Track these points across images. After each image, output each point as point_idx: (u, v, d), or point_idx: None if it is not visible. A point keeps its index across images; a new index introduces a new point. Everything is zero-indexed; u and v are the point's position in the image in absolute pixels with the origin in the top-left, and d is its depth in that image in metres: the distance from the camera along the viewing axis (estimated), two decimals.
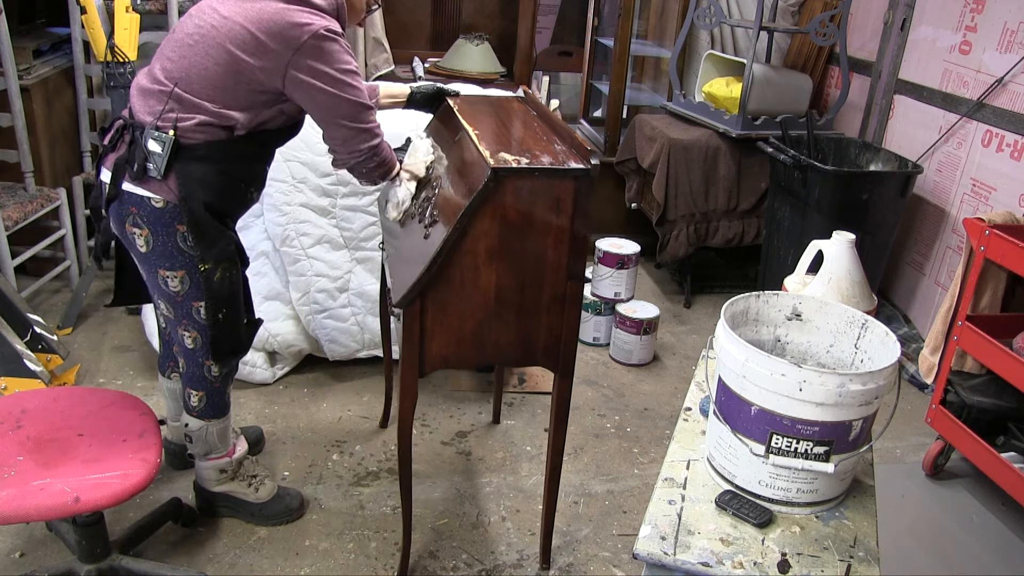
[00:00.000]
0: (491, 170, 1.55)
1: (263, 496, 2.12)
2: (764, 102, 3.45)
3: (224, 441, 2.05)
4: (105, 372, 2.78)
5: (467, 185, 1.65)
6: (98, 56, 2.87)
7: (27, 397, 1.81)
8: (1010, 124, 2.86)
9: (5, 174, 3.16)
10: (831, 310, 1.58)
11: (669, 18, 4.44)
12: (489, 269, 1.64)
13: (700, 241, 3.59)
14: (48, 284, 3.25)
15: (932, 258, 3.28)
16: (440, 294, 1.65)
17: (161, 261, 1.77)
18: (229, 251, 1.82)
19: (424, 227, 1.75)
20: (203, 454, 2.05)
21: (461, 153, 1.81)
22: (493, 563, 2.07)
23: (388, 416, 2.59)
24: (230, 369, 1.99)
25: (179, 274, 1.78)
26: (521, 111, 2.10)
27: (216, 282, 1.80)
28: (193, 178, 1.70)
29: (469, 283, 1.65)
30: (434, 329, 1.68)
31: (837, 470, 1.37)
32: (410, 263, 1.71)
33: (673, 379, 3.06)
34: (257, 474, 2.15)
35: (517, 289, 1.68)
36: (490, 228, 1.60)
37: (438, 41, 4.21)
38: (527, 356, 1.78)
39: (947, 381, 2.47)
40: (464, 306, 1.67)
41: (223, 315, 1.86)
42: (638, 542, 1.32)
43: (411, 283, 1.62)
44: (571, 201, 1.62)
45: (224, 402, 2.01)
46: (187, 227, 1.73)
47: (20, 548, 2.01)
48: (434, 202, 1.78)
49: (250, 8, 1.66)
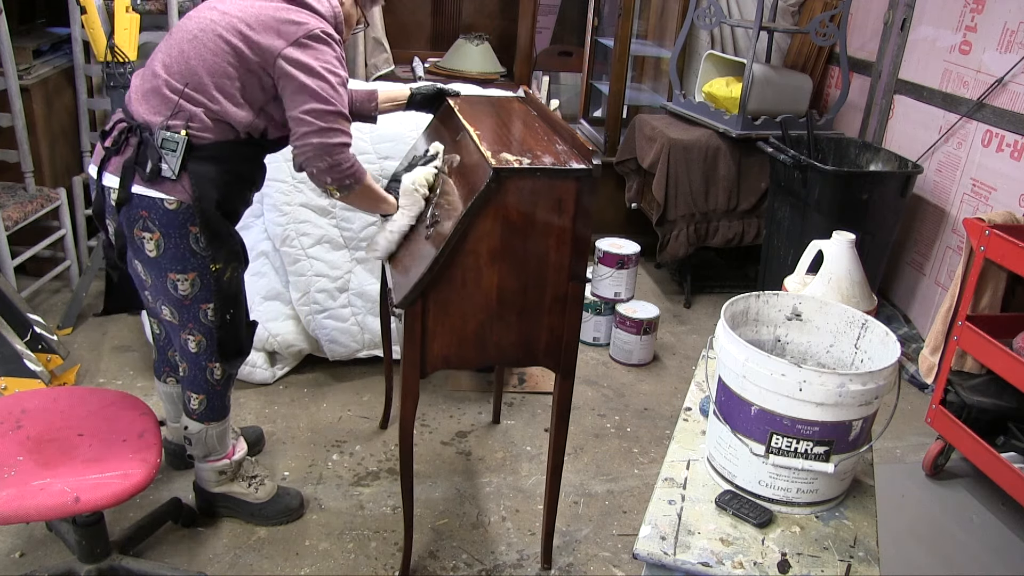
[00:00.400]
0: (493, 170, 1.55)
1: (262, 496, 2.12)
2: (764, 102, 3.45)
3: (223, 443, 2.05)
4: (105, 372, 2.78)
5: (469, 186, 1.65)
6: (98, 56, 2.87)
7: (27, 397, 1.81)
8: (1010, 124, 2.86)
9: (5, 174, 3.16)
10: (831, 310, 1.58)
11: (669, 18, 4.44)
12: (491, 269, 1.64)
13: (700, 241, 3.59)
14: (48, 284, 3.25)
15: (932, 258, 3.28)
16: (442, 294, 1.65)
17: (172, 264, 1.76)
18: (236, 250, 1.85)
19: (425, 228, 1.75)
20: (202, 456, 2.04)
21: (462, 153, 1.81)
22: (493, 563, 2.07)
23: (388, 417, 2.59)
24: (233, 372, 2.00)
25: (190, 276, 1.78)
26: (522, 111, 2.10)
27: (226, 282, 1.82)
28: (207, 178, 1.71)
29: (471, 283, 1.65)
30: (436, 329, 1.68)
31: (837, 470, 1.37)
32: (412, 264, 1.71)
33: (673, 379, 3.06)
34: (257, 474, 2.15)
35: (519, 290, 1.68)
36: (492, 228, 1.60)
37: (438, 41, 4.21)
38: (529, 356, 1.78)
39: (947, 381, 2.47)
40: (466, 306, 1.67)
41: (231, 315, 1.87)
42: (638, 542, 1.32)
43: (413, 283, 1.62)
44: (573, 201, 1.62)
45: (224, 405, 2.01)
46: (200, 227, 1.73)
47: (20, 548, 2.01)
48: (435, 203, 1.78)
49: (250, 6, 1.69)
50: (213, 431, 2.01)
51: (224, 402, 2.00)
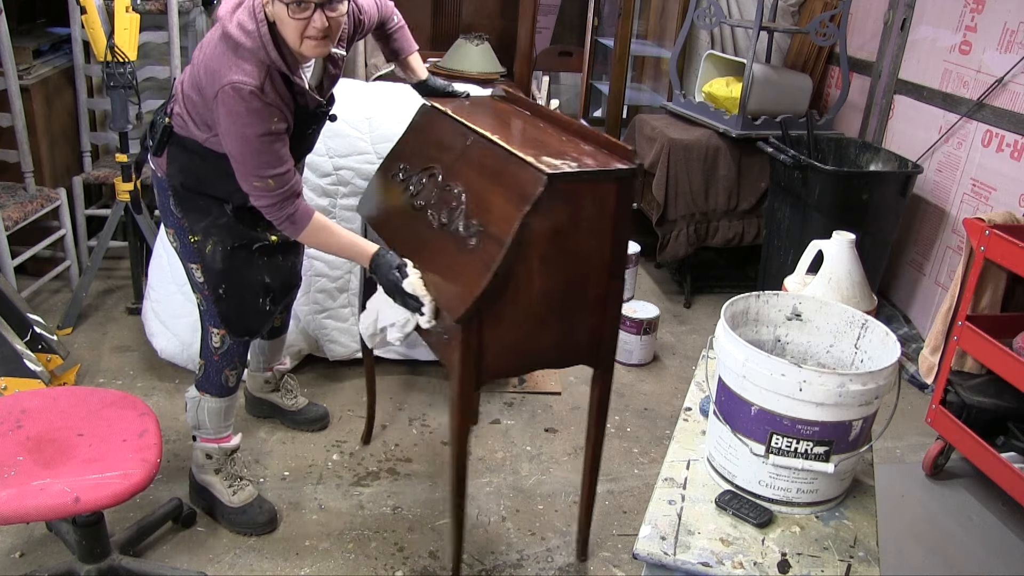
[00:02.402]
0: (547, 176, 1.53)
1: (236, 501, 2.10)
2: (764, 102, 3.45)
3: (215, 424, 2.07)
4: (105, 372, 2.78)
5: (517, 193, 1.59)
6: (98, 56, 2.86)
7: (27, 397, 1.81)
8: (1010, 124, 2.86)
9: (5, 174, 3.16)
10: (831, 310, 1.58)
11: (669, 18, 4.45)
12: (540, 275, 1.62)
13: (700, 241, 3.59)
14: (48, 284, 3.25)
15: (932, 258, 3.28)
16: (496, 306, 1.59)
17: (163, 217, 1.97)
18: (219, 226, 1.89)
19: (461, 237, 1.67)
20: (193, 427, 2.08)
21: (484, 159, 1.76)
22: (493, 563, 2.07)
23: (371, 433, 2.52)
24: (230, 348, 2.01)
25: (170, 231, 1.96)
26: (512, 111, 2.08)
27: (208, 255, 1.91)
28: (176, 161, 1.86)
29: (522, 291, 1.61)
30: (489, 342, 1.63)
31: (837, 470, 1.37)
32: (453, 278, 1.65)
33: (673, 379, 3.06)
34: (243, 476, 2.15)
35: (563, 292, 1.67)
36: (541, 234, 1.58)
37: (438, 41, 4.21)
38: (570, 357, 1.78)
39: (947, 381, 2.47)
40: (517, 314, 1.64)
41: (224, 291, 1.94)
42: (638, 542, 1.32)
43: (474, 299, 1.55)
44: (615, 200, 1.63)
45: (220, 382, 2.03)
46: (173, 197, 1.90)
47: (20, 548, 2.01)
48: (463, 211, 1.71)
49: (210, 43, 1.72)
50: (205, 404, 2.03)
51: (220, 378, 2.02)
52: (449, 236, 1.71)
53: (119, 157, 3.01)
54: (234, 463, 2.14)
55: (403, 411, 2.69)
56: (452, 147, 1.89)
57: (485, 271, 1.56)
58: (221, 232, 1.90)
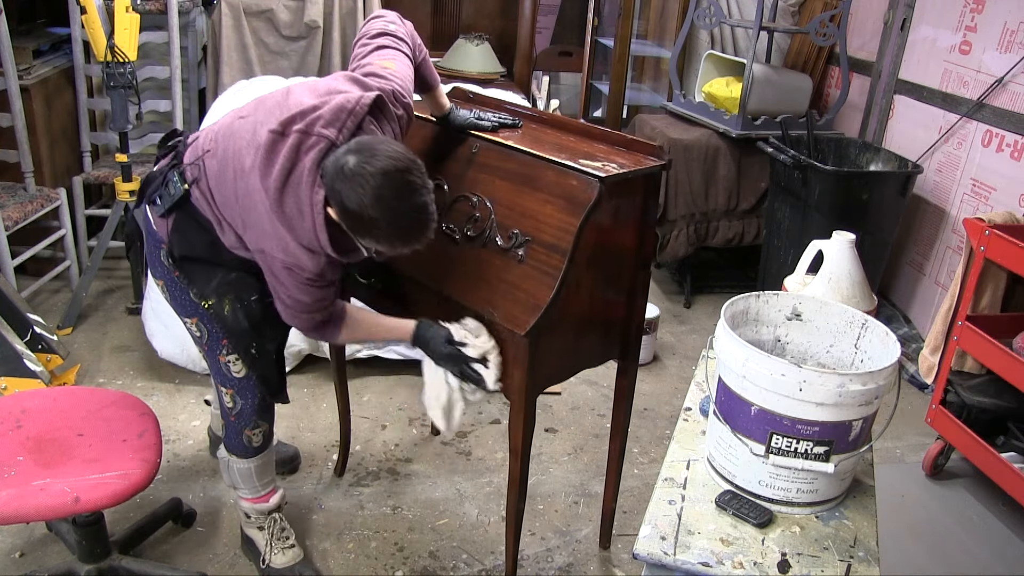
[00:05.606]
0: (600, 181, 1.52)
1: (277, 563, 1.95)
2: (764, 102, 3.45)
3: (249, 485, 1.92)
4: (105, 372, 2.78)
5: (564, 199, 1.57)
6: (98, 56, 2.86)
7: (27, 397, 1.81)
8: (1010, 124, 2.86)
9: (5, 174, 3.16)
10: (831, 310, 1.58)
11: (669, 18, 4.45)
12: (587, 278, 1.63)
13: (700, 241, 3.60)
14: (48, 284, 3.25)
15: (932, 258, 3.28)
16: (554, 314, 1.56)
17: (152, 268, 1.79)
18: (231, 282, 1.70)
19: (502, 248, 1.62)
20: (229, 486, 1.97)
21: (503, 165, 1.71)
22: (493, 563, 2.07)
23: (346, 463, 2.38)
24: (243, 409, 1.82)
25: (159, 283, 1.78)
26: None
27: (230, 317, 1.71)
28: (183, 233, 1.66)
29: (573, 295, 1.60)
30: (546, 350, 1.61)
31: (837, 470, 1.37)
32: (500, 289, 1.60)
33: (673, 379, 3.06)
34: (289, 537, 1.99)
35: (603, 290, 1.70)
36: (590, 238, 1.58)
37: (438, 41, 4.21)
38: (608, 351, 1.81)
39: (947, 381, 2.47)
40: (568, 320, 1.63)
41: (256, 350, 1.76)
42: (638, 542, 1.32)
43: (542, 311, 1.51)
44: (644, 193, 1.67)
45: (242, 444, 1.86)
46: (169, 259, 1.71)
47: (20, 548, 2.01)
48: (494, 222, 1.65)
49: (254, 198, 1.50)
50: (234, 465, 1.89)
51: (241, 440, 1.85)
52: (484, 249, 1.64)
53: (119, 157, 3.01)
54: (276, 522, 1.98)
55: (403, 411, 2.69)
56: (455, 157, 1.81)
57: (549, 281, 1.52)
58: (236, 288, 1.70)
